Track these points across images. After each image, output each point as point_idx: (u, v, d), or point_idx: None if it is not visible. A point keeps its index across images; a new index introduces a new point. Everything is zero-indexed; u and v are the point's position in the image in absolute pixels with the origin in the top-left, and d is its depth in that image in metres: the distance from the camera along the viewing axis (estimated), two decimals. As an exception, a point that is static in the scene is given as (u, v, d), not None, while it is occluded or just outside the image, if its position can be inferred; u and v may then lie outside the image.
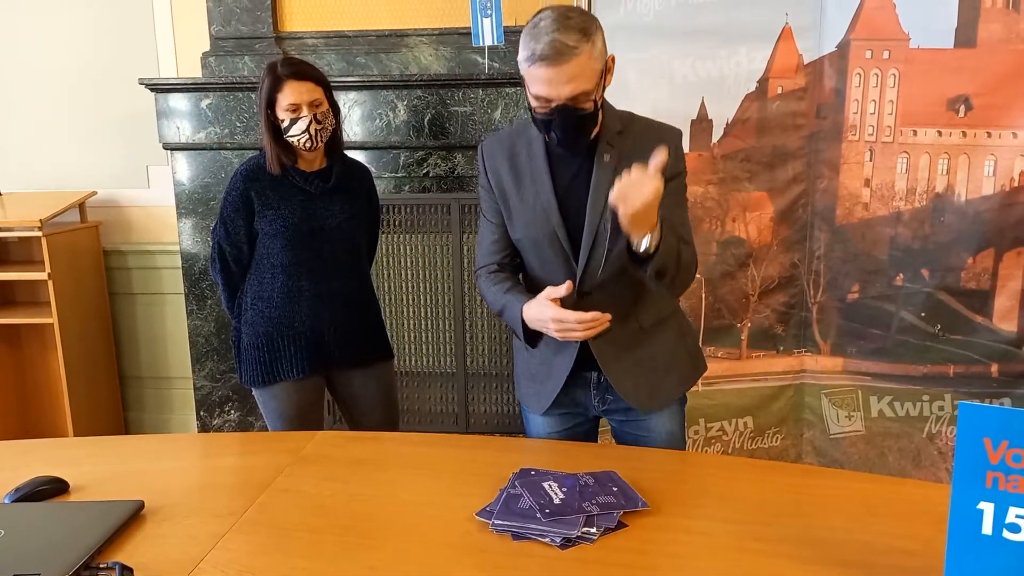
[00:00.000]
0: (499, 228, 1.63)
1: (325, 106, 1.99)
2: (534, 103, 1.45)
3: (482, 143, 1.64)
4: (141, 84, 2.92)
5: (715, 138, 2.42)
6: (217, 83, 2.92)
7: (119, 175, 3.30)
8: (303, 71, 1.98)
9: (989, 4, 2.23)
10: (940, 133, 2.33)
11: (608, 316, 1.44)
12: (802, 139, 2.42)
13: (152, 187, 3.30)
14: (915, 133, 2.35)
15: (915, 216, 2.40)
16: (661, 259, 1.39)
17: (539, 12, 1.42)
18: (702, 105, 2.40)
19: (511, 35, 2.89)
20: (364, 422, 2.20)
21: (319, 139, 1.98)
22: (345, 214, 2.07)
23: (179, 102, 2.95)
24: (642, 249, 1.37)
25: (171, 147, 3.01)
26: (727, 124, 2.41)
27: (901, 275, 2.44)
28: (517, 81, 2.82)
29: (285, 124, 1.96)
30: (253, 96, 2.89)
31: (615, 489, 1.36)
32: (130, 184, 3.31)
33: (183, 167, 3.03)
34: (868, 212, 2.42)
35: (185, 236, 3.07)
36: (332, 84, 2.06)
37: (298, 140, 1.97)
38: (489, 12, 2.71)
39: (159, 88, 2.94)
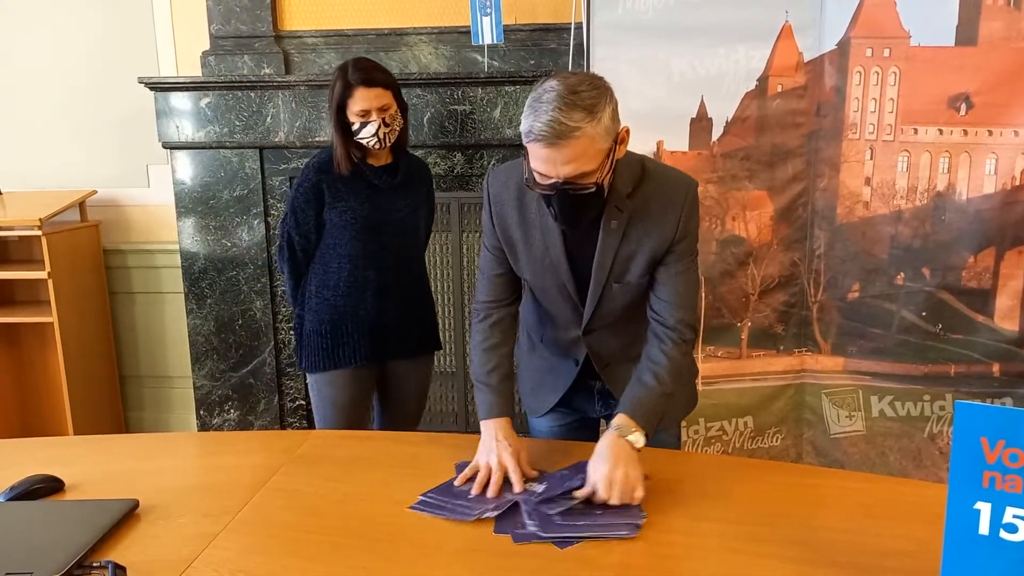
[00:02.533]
0: (503, 263, 1.57)
1: (393, 108, 2.06)
2: (534, 175, 1.34)
3: (489, 177, 1.55)
4: (141, 83, 2.92)
5: (715, 136, 2.41)
6: (217, 82, 2.91)
7: (119, 174, 3.29)
8: (373, 77, 2.03)
9: (990, 1, 2.22)
10: (941, 131, 2.32)
11: None
12: (802, 137, 2.41)
13: (152, 186, 3.30)
14: (916, 131, 2.34)
15: (916, 215, 2.39)
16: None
17: (547, 79, 1.30)
18: (701, 103, 2.39)
19: (510, 33, 2.89)
20: (395, 413, 2.28)
21: (387, 141, 2.06)
22: (409, 208, 2.16)
23: (179, 101, 2.95)
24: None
25: (171, 146, 3.00)
26: (727, 122, 2.40)
27: (902, 274, 2.43)
28: (516, 80, 2.81)
29: (355, 127, 2.03)
30: (252, 95, 2.89)
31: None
32: (130, 183, 3.31)
33: (183, 166, 3.03)
34: (868, 211, 2.41)
35: (185, 235, 3.07)
36: (329, 82, 2.07)
37: (367, 142, 2.04)
38: (488, 11, 2.70)
39: (159, 87, 2.94)
